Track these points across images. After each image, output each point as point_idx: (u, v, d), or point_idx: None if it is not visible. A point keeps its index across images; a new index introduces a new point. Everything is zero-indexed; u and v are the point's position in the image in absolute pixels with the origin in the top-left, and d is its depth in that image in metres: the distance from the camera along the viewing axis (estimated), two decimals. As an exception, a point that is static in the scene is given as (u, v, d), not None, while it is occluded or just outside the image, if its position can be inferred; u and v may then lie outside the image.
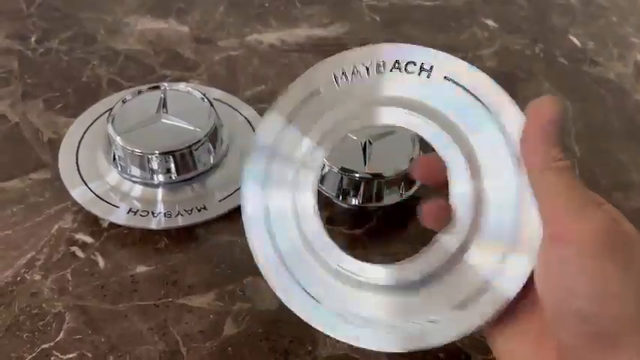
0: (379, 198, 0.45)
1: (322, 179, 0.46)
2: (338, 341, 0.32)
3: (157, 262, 0.43)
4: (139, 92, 0.48)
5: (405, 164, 0.45)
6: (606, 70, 0.64)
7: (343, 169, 0.44)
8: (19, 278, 0.41)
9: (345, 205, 0.46)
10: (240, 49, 0.62)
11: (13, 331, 0.38)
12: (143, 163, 0.44)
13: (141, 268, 0.42)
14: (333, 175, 0.45)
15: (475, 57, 0.64)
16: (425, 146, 0.45)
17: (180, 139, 0.45)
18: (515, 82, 0.62)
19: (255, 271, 0.42)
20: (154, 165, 0.44)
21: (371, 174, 0.44)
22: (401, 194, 0.46)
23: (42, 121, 0.53)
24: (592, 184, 0.51)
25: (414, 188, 0.46)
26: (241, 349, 0.38)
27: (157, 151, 0.44)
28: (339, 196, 0.45)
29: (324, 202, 0.48)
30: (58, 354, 0.37)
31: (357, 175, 0.44)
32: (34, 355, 0.37)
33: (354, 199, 0.45)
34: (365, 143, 0.45)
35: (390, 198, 0.45)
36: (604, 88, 0.62)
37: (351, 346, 0.38)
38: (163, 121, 0.46)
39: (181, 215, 0.45)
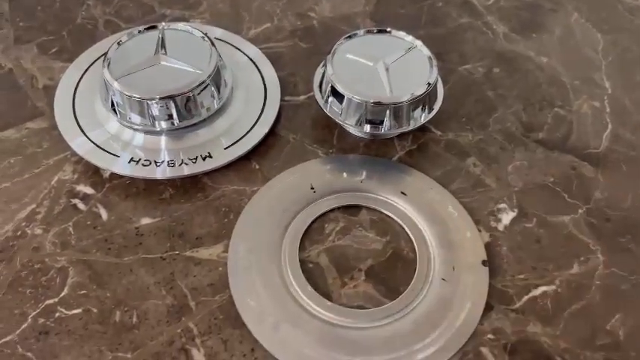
0: (407, 121, 0.43)
1: (342, 112, 0.43)
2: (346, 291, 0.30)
3: (162, 213, 0.41)
4: (136, 33, 0.45)
5: (425, 83, 0.42)
6: (641, -3, 0.59)
7: (367, 97, 0.41)
8: (19, 232, 0.39)
9: (365, 136, 0.46)
10: (244, -15, 0.58)
11: (15, 287, 0.37)
12: (143, 109, 0.42)
13: (145, 220, 0.40)
14: (355, 106, 0.42)
15: (497, -13, 0.59)
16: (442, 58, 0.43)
17: (181, 82, 0.41)
18: (541, 14, 0.57)
19: (265, 222, 0.40)
20: (155, 111, 0.42)
21: (396, 99, 0.42)
22: (423, 115, 0.44)
23: (36, 66, 0.50)
24: (623, 120, 0.48)
25: (436, 109, 0.44)
26: (252, 302, 0.37)
27: (157, 96, 0.41)
28: (362, 125, 0.43)
29: (344, 134, 0.45)
30: (63, 310, 0.36)
31: (383, 101, 0.41)
32: (38, 311, 0.36)
33: (380, 127, 0.43)
34: (385, 69, 0.43)
35: (416, 121, 0.43)
36: (639, 18, 0.57)
37: (357, 295, 0.37)
38: (162, 63, 0.43)
39: (186, 164, 0.42)
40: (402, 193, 0.42)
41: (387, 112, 0.42)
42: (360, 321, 0.36)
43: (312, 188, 0.42)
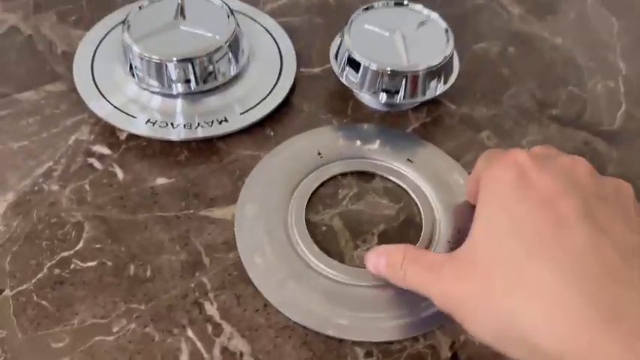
0: (423, 92, 0.43)
1: (358, 81, 0.43)
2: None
3: (177, 174, 0.41)
4: (155, 0, 0.45)
5: (441, 55, 0.43)
6: (656, -17, 0.59)
7: (384, 66, 0.42)
8: (36, 188, 0.40)
9: (380, 107, 0.46)
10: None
11: (32, 238, 0.37)
12: (161, 71, 0.42)
13: (161, 180, 0.41)
14: (371, 74, 0.42)
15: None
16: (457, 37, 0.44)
17: (199, 47, 0.42)
18: (556, -3, 0.57)
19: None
20: (173, 74, 0.42)
21: (413, 68, 0.42)
22: (439, 86, 0.44)
23: (55, 33, 0.50)
24: (638, 100, 0.48)
25: (453, 78, 0.44)
26: (265, 260, 0.37)
27: (175, 58, 0.41)
28: (378, 95, 0.43)
29: (359, 106, 0.46)
30: (78, 262, 0.36)
31: (400, 70, 0.42)
32: (54, 262, 0.36)
33: (396, 96, 0.43)
34: (402, 39, 0.43)
35: (431, 91, 0.43)
36: (654, 3, 0.57)
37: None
38: (182, 28, 0.43)
39: (201, 127, 0.43)
40: (409, 160, 0.42)
41: (404, 81, 0.42)
42: (365, 279, 0.36)
43: (319, 154, 0.42)
